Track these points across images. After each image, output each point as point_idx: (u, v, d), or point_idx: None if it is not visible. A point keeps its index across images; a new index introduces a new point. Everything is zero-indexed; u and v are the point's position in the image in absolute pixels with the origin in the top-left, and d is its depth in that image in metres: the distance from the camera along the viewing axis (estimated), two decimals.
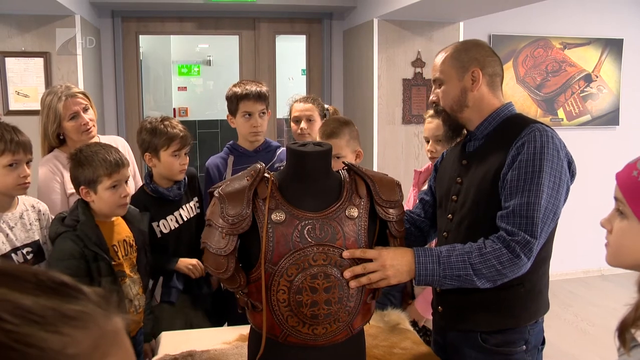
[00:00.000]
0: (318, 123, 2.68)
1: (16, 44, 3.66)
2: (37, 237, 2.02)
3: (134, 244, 2.07)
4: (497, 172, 1.59)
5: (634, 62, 5.21)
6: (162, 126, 2.31)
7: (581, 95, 5.14)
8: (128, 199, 2.02)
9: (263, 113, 2.51)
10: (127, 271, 2.02)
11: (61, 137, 2.38)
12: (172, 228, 2.35)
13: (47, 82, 3.66)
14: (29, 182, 1.98)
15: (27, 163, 1.98)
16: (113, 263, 1.95)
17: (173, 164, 2.31)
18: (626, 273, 1.14)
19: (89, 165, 1.93)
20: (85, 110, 2.37)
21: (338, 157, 2.15)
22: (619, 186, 1.06)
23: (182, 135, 2.32)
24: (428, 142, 2.37)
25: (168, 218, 2.34)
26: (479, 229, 1.61)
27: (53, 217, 2.12)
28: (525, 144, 1.54)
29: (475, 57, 1.67)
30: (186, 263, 2.35)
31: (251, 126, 2.49)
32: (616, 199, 1.07)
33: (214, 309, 2.52)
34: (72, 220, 1.93)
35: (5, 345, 0.42)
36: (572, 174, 1.62)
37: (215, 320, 2.53)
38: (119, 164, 1.96)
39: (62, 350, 0.44)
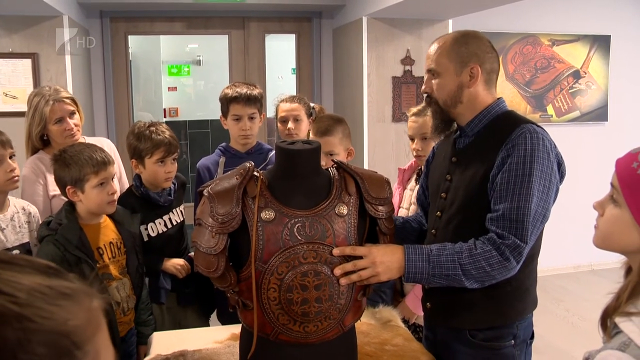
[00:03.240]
0: (305, 122, 2.67)
1: (3, 44, 3.63)
2: (26, 239, 2.02)
3: (122, 246, 2.06)
4: (485, 174, 1.58)
5: (621, 58, 5.24)
6: (147, 132, 2.25)
7: (570, 91, 5.17)
8: (116, 197, 2.01)
9: (253, 117, 2.49)
10: (115, 273, 2.01)
11: (45, 139, 2.37)
12: (160, 232, 2.33)
13: (35, 84, 3.63)
14: (17, 175, 1.98)
15: (11, 158, 1.98)
16: (97, 265, 1.93)
17: (158, 172, 2.27)
18: (617, 268, 1.15)
19: (75, 164, 1.91)
20: (71, 115, 2.35)
21: (331, 155, 2.15)
22: (617, 174, 1.06)
23: (167, 143, 2.24)
24: (413, 140, 2.35)
25: (157, 222, 2.32)
26: (467, 229, 1.61)
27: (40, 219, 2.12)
28: (515, 146, 1.53)
29: (475, 52, 1.62)
30: (174, 263, 2.33)
31: (240, 129, 2.48)
32: (612, 185, 1.07)
33: (200, 306, 2.52)
34: (56, 223, 1.92)
35: (23, 316, 0.46)
36: (562, 175, 1.62)
37: (204, 318, 2.53)
38: (105, 162, 1.95)
39: (66, 322, 0.48)
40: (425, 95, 1.74)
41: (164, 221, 2.34)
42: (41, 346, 0.46)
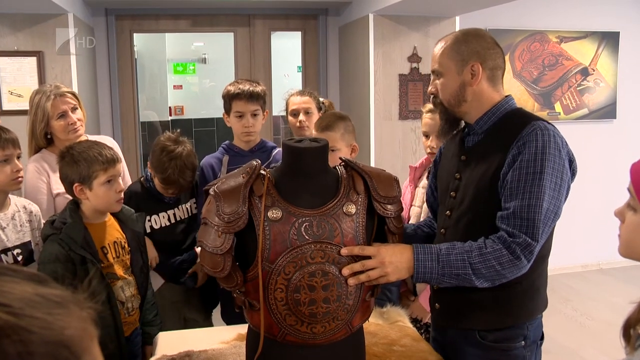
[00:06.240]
0: (316, 116, 2.68)
1: (9, 43, 3.62)
2: (28, 238, 2.02)
3: (126, 246, 2.05)
4: (496, 171, 1.56)
5: (630, 55, 5.19)
6: (164, 154, 2.32)
7: (578, 88, 5.12)
8: (122, 195, 2.00)
9: (256, 114, 2.47)
10: (120, 273, 1.99)
11: (49, 137, 2.37)
12: (163, 225, 2.34)
13: (40, 82, 3.61)
14: (21, 177, 1.99)
15: (18, 158, 1.99)
16: (102, 265, 1.92)
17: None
18: (624, 267, 1.13)
19: (83, 160, 1.90)
20: (73, 110, 2.35)
21: (332, 150, 2.13)
22: (632, 179, 1.04)
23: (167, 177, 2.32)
24: (427, 137, 2.33)
25: (160, 215, 2.33)
26: (477, 227, 1.59)
27: (42, 217, 2.11)
28: (526, 143, 1.51)
29: (476, 50, 1.61)
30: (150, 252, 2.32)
31: (243, 126, 2.46)
32: (629, 191, 1.05)
33: (204, 300, 2.52)
34: (60, 222, 1.91)
35: (20, 327, 0.44)
36: (573, 173, 1.60)
37: (207, 309, 2.54)
38: (114, 159, 1.95)
39: (63, 332, 0.46)
40: (431, 96, 1.73)
41: (168, 215, 2.36)
42: (42, 358, 0.44)
